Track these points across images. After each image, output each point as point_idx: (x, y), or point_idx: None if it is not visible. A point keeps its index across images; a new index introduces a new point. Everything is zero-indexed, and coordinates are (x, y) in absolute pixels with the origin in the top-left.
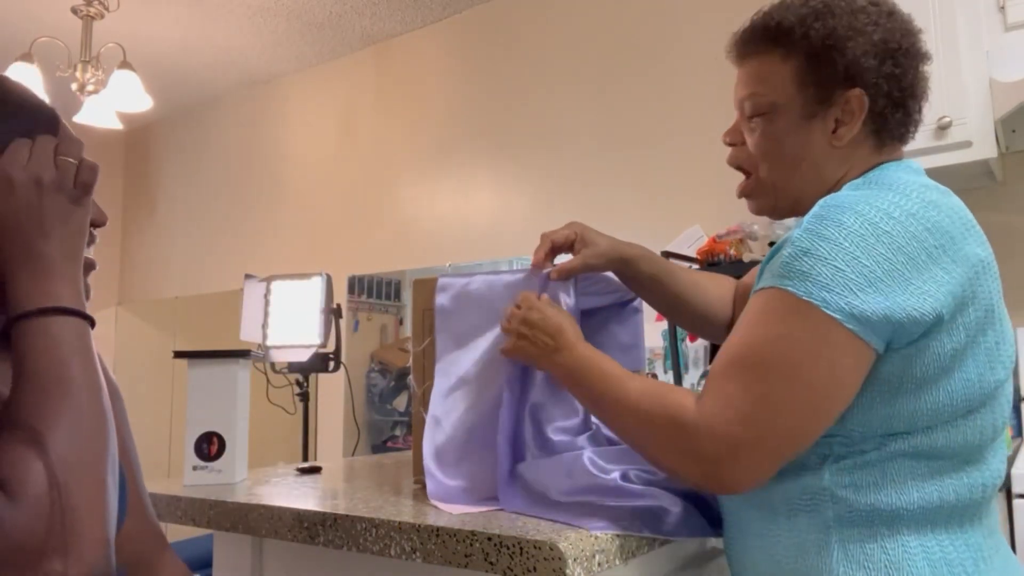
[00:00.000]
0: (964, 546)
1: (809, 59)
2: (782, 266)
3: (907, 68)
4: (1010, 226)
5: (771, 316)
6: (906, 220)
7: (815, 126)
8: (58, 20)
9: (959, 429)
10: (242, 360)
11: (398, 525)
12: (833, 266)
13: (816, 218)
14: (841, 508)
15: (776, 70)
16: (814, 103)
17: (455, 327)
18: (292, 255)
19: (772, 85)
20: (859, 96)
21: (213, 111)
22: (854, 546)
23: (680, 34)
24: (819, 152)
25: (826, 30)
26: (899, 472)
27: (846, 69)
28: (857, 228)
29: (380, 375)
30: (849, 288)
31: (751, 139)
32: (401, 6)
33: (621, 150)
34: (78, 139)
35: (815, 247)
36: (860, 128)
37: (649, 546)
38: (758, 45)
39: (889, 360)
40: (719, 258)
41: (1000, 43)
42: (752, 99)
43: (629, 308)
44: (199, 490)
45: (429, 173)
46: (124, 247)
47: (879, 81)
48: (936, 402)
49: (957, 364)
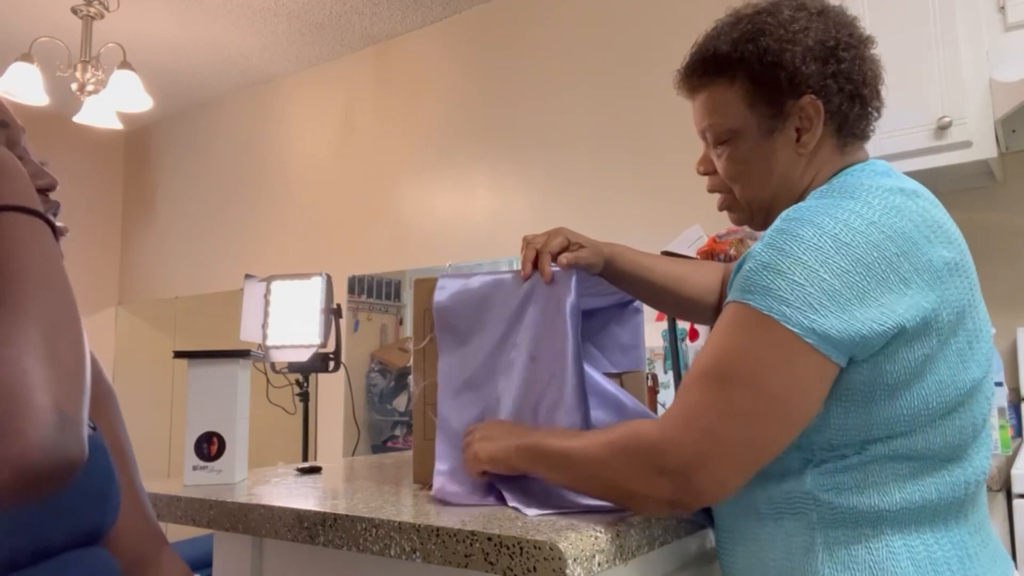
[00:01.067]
0: (949, 544)
1: (753, 80)
2: (744, 280)
3: (851, 59)
4: (1010, 226)
5: (734, 330)
6: (866, 230)
7: (777, 140)
8: (58, 20)
9: (938, 430)
10: (242, 360)
11: (398, 525)
12: (792, 280)
13: (776, 232)
14: (824, 511)
15: (725, 97)
16: (769, 119)
17: (455, 325)
18: (292, 255)
19: (725, 113)
20: (812, 102)
21: (213, 111)
22: (839, 548)
23: (680, 34)
24: (785, 163)
25: (760, 49)
26: (880, 474)
27: (790, 80)
28: (816, 241)
29: (380, 375)
30: (808, 303)
31: (720, 166)
32: (401, 6)
33: (621, 150)
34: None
35: (774, 261)
36: (824, 127)
37: (649, 546)
38: (702, 77)
39: (857, 370)
40: (719, 258)
41: (1000, 43)
42: (711, 129)
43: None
44: (199, 490)
45: (429, 173)
46: (124, 247)
47: (827, 82)
48: (911, 407)
49: (928, 368)
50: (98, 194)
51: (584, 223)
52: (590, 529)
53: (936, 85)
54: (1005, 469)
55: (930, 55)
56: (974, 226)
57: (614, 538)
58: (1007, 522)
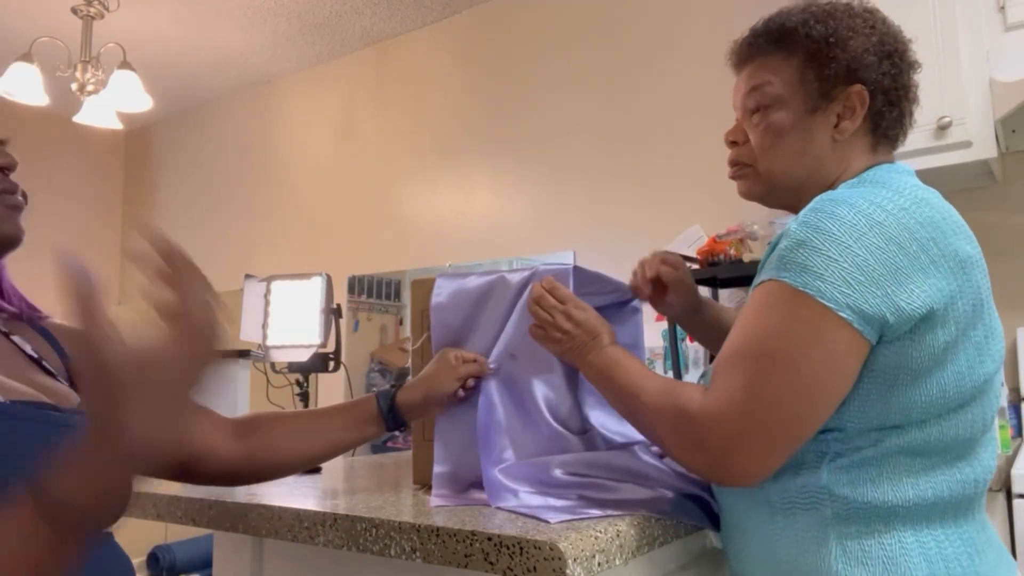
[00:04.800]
0: (959, 540)
1: (812, 56)
2: (779, 258)
3: (902, 69)
4: (1010, 226)
5: (769, 308)
6: (899, 213)
7: (817, 119)
8: (58, 20)
9: (951, 423)
10: (242, 360)
11: (398, 525)
12: (828, 256)
13: (812, 211)
14: (839, 505)
15: (780, 67)
16: (817, 97)
17: (450, 322)
18: (292, 255)
19: (775, 78)
20: (860, 91)
21: (213, 111)
22: (852, 543)
23: (679, 36)
24: (820, 146)
25: (828, 30)
26: (895, 469)
27: (847, 65)
28: (851, 219)
29: (380, 375)
30: (843, 279)
31: (755, 135)
32: (401, 6)
33: (621, 150)
34: None
35: (810, 238)
36: (862, 124)
37: (649, 546)
38: (761, 47)
39: (884, 352)
40: (719, 258)
41: (1000, 43)
42: (757, 92)
43: (629, 308)
44: (199, 490)
45: (429, 173)
46: (124, 247)
47: (878, 78)
48: (930, 395)
49: (949, 357)
50: (98, 194)
51: (584, 223)
52: (590, 529)
53: (936, 85)
54: (1005, 469)
55: (930, 55)
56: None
57: (614, 538)
58: (1007, 522)
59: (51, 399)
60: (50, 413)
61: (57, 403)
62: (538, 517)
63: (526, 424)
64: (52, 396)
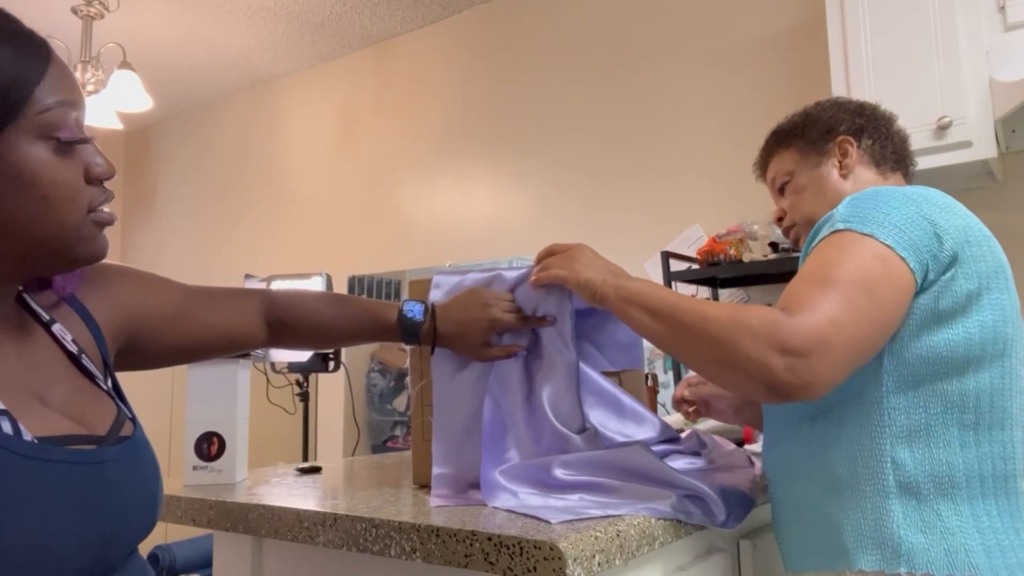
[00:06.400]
0: (1007, 515)
1: (800, 135)
2: (835, 223)
3: (876, 116)
4: (1010, 226)
5: (838, 247)
6: (918, 190)
7: (824, 168)
8: (58, 20)
9: (984, 374)
10: (242, 360)
11: (398, 525)
12: (881, 211)
13: (851, 199)
14: (901, 474)
15: (784, 156)
16: (816, 155)
17: None
18: (292, 255)
19: (786, 164)
20: (844, 139)
21: (213, 111)
22: (913, 512)
23: (679, 37)
24: (834, 184)
25: (808, 117)
26: (946, 434)
27: (826, 126)
28: (884, 194)
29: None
30: (897, 227)
31: (788, 203)
32: (401, 6)
33: (621, 151)
34: (71, 76)
35: (858, 209)
36: (859, 159)
37: (649, 546)
38: (771, 151)
39: (922, 297)
40: (719, 258)
41: (1000, 43)
42: (778, 178)
43: None
44: (199, 490)
45: (429, 173)
46: (124, 247)
47: (856, 125)
48: (960, 337)
49: (974, 307)
50: None
51: (584, 223)
52: (590, 529)
53: (936, 85)
54: None
55: (930, 55)
56: None
57: (614, 538)
58: None
59: (86, 424)
60: (79, 451)
61: (91, 431)
62: (539, 517)
63: (528, 424)
64: (88, 417)
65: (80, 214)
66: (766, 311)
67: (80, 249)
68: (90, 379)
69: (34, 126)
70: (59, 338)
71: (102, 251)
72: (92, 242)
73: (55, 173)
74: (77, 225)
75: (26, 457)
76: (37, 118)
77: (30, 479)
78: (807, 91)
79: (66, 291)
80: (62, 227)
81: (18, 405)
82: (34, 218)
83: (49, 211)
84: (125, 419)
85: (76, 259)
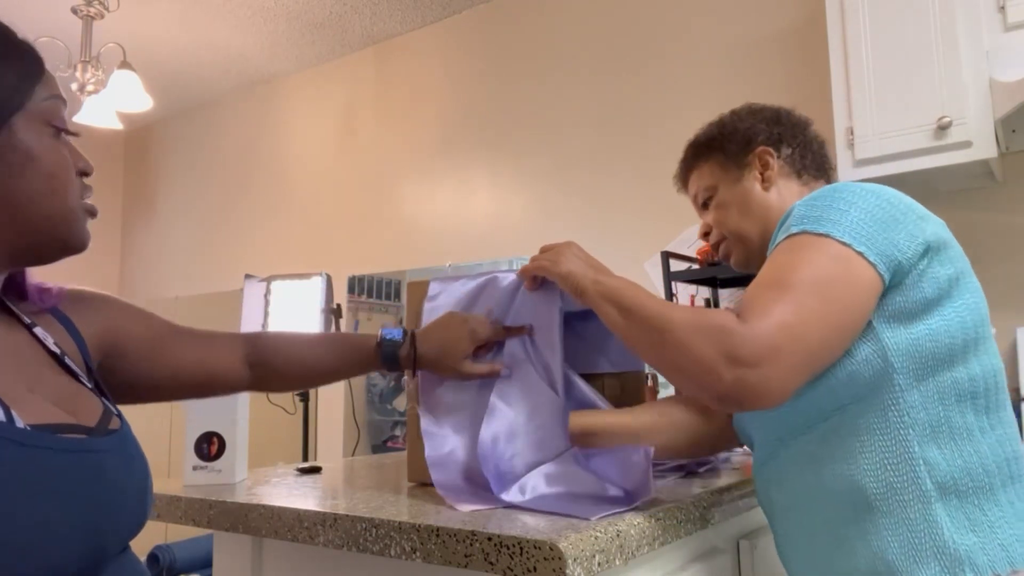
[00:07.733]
0: None
1: (718, 149)
2: (789, 227)
3: (794, 123)
4: (1010, 226)
5: (794, 251)
6: (878, 188)
7: (745, 181)
8: (58, 20)
9: (983, 353)
10: None
11: (398, 525)
12: (838, 210)
13: (806, 199)
14: (936, 473)
15: (705, 171)
16: (736, 168)
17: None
18: (292, 255)
19: (706, 180)
20: (763, 150)
21: (213, 111)
22: (957, 512)
23: (679, 38)
24: (758, 196)
25: (724, 129)
26: (970, 429)
27: (744, 138)
28: (844, 189)
29: (380, 375)
30: (855, 224)
31: (713, 219)
32: (401, 6)
33: (621, 151)
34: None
35: (816, 203)
36: (780, 170)
37: (649, 546)
38: (690, 165)
39: (899, 292)
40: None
41: (1000, 43)
42: (701, 194)
43: None
44: (199, 490)
45: (429, 173)
46: (124, 247)
47: (774, 132)
48: (951, 321)
49: (956, 290)
50: (98, 194)
51: (584, 223)
52: (590, 529)
53: (936, 85)
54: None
55: (930, 55)
56: (974, 226)
57: (614, 538)
58: None
59: (76, 415)
60: (72, 440)
61: (80, 421)
62: (575, 515)
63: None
64: (77, 410)
65: (76, 197)
66: (724, 317)
67: (75, 229)
68: (74, 377)
69: (38, 112)
70: (41, 339)
71: (87, 240)
72: (82, 229)
73: (57, 155)
74: (74, 207)
75: (20, 444)
76: (40, 105)
77: (24, 466)
78: (807, 91)
79: (46, 304)
80: (65, 202)
81: (10, 393)
82: (42, 194)
83: (56, 186)
84: (112, 414)
85: (68, 241)
